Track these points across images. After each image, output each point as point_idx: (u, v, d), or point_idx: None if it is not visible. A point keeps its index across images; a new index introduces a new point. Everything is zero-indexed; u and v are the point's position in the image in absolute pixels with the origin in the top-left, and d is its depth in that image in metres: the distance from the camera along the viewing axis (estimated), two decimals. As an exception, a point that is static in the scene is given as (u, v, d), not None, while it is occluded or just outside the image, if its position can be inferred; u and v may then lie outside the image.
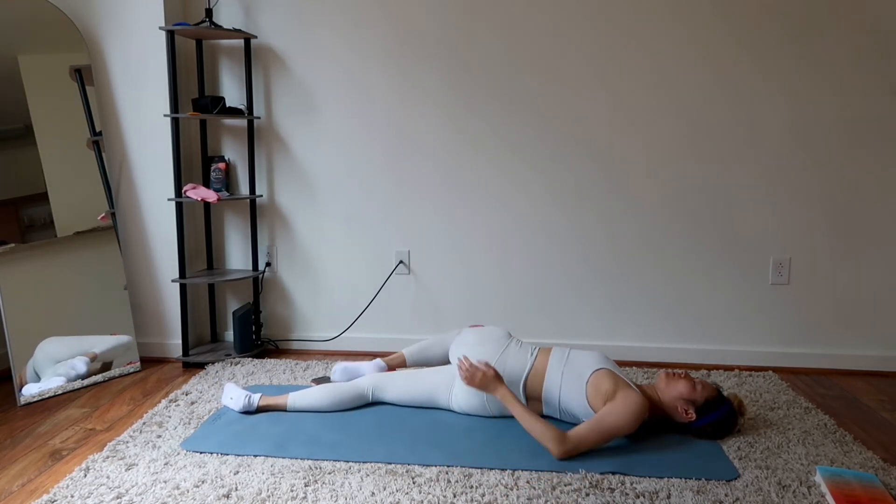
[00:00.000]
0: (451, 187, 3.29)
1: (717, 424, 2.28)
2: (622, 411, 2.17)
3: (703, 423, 2.27)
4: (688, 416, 2.27)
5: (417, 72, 3.23)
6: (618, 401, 2.20)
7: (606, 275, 3.26)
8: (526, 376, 2.40)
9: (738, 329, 3.22)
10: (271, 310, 3.48)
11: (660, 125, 3.14)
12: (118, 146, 3.22)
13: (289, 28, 3.26)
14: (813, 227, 3.13)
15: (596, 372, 2.32)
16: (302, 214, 3.39)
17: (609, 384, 2.25)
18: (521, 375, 2.40)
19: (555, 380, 2.37)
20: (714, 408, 2.28)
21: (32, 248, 2.87)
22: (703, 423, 2.27)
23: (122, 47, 3.15)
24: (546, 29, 3.13)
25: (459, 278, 3.34)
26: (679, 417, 2.30)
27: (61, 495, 1.94)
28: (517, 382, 2.40)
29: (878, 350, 3.16)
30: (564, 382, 2.35)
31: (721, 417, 2.28)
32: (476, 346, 2.51)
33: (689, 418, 2.28)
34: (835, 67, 3.02)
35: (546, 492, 1.97)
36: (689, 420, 2.28)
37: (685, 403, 2.28)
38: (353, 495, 1.95)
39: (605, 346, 3.29)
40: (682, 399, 2.28)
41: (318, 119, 3.31)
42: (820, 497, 1.94)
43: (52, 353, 2.84)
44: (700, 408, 2.27)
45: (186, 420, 2.48)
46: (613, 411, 2.17)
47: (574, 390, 2.33)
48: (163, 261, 3.28)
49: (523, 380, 2.40)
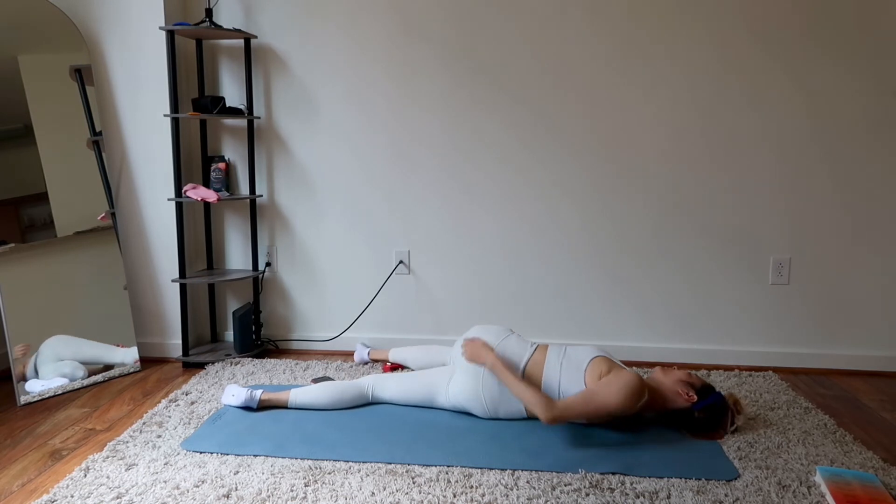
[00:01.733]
0: (451, 187, 3.29)
1: (715, 409, 2.33)
2: (614, 385, 2.25)
3: (704, 404, 2.31)
4: (689, 398, 2.32)
5: (418, 72, 3.23)
6: (611, 376, 2.29)
7: (607, 274, 3.26)
8: (525, 365, 2.44)
9: (738, 329, 3.22)
10: (271, 310, 3.48)
11: (663, 125, 3.14)
12: (118, 146, 3.22)
13: (289, 28, 3.26)
14: (813, 227, 3.13)
15: (593, 359, 2.39)
16: (302, 214, 3.39)
17: (605, 367, 2.36)
18: (519, 364, 2.44)
19: (553, 371, 2.40)
20: (711, 392, 2.36)
21: (32, 248, 2.87)
22: (704, 405, 2.31)
23: (122, 47, 3.15)
24: (553, 25, 3.13)
25: (460, 278, 3.34)
26: (680, 402, 2.33)
27: (61, 495, 1.94)
28: (516, 370, 2.43)
29: (878, 350, 3.16)
30: (563, 373, 2.39)
31: (718, 402, 2.34)
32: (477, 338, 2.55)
33: (691, 399, 2.32)
34: (838, 68, 3.02)
35: (546, 492, 1.97)
36: (690, 402, 2.32)
37: (685, 386, 2.34)
38: (353, 495, 1.95)
39: (606, 346, 3.29)
40: (682, 382, 2.35)
41: (318, 119, 3.31)
42: (820, 497, 1.94)
43: (56, 352, 2.84)
44: (699, 390, 2.34)
45: (186, 420, 2.48)
46: (605, 383, 2.27)
47: (573, 379, 2.36)
48: (163, 261, 3.28)
49: (522, 368, 2.43)
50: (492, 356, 2.39)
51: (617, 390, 2.24)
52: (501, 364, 2.36)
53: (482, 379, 2.44)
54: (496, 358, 2.38)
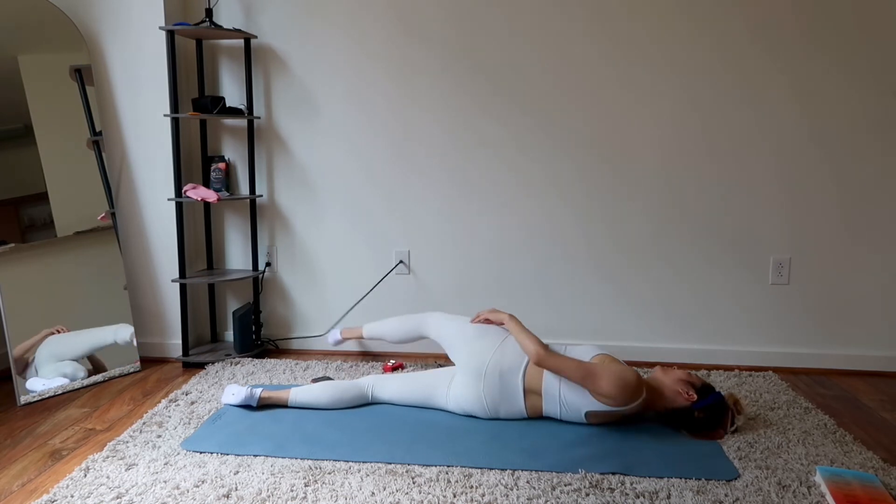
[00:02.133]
0: (451, 186, 3.29)
1: (715, 408, 2.32)
2: (612, 371, 2.27)
3: (704, 403, 2.31)
4: (689, 397, 2.31)
5: (418, 71, 3.23)
6: (613, 364, 2.32)
7: (607, 274, 3.26)
8: (525, 366, 2.43)
9: (738, 329, 3.22)
10: (271, 310, 3.48)
11: (663, 125, 3.14)
12: (118, 146, 3.22)
13: (289, 28, 3.26)
14: (813, 227, 3.13)
15: (596, 356, 2.39)
16: (302, 214, 3.39)
17: (608, 361, 2.36)
18: (520, 365, 2.43)
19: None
20: (711, 391, 2.35)
21: (32, 248, 2.87)
22: (704, 405, 2.30)
23: (122, 47, 3.15)
24: (551, 23, 3.13)
25: (460, 278, 3.34)
26: (680, 401, 2.33)
27: (61, 495, 1.94)
28: (517, 370, 2.42)
29: (878, 350, 3.16)
30: None
31: (718, 401, 2.33)
32: (475, 339, 2.54)
33: (691, 398, 2.31)
34: (838, 68, 3.02)
35: (546, 492, 1.97)
36: (690, 401, 2.31)
37: (685, 385, 2.33)
38: (353, 495, 1.95)
39: (606, 346, 3.29)
40: (682, 381, 2.35)
41: (318, 119, 3.31)
42: (820, 497, 1.94)
43: (54, 352, 2.84)
44: (700, 389, 2.34)
45: (186, 420, 2.48)
46: (604, 366, 2.30)
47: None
48: (163, 261, 3.28)
49: (523, 369, 2.42)
50: (507, 314, 2.56)
51: (611, 376, 2.26)
52: (516, 320, 2.51)
53: (483, 379, 2.44)
54: (510, 315, 2.55)
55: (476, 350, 2.49)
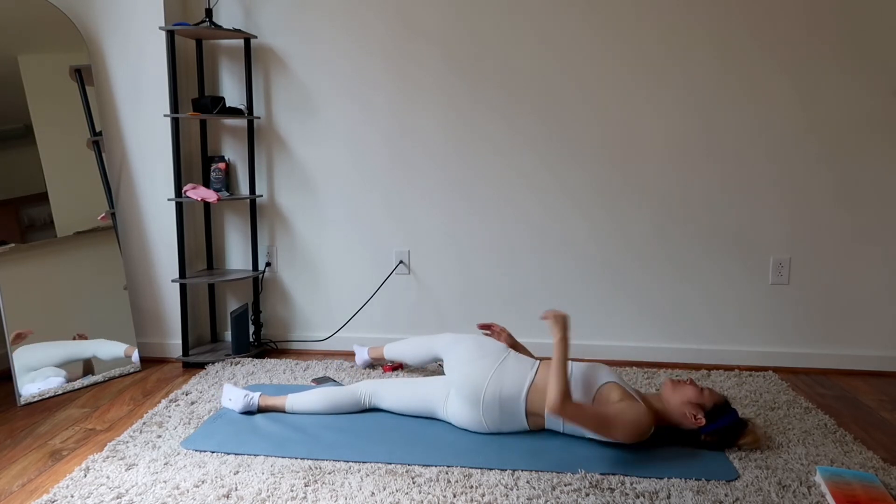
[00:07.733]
0: (451, 187, 3.29)
1: (726, 431, 2.21)
2: (626, 413, 2.15)
3: (712, 428, 2.20)
4: (697, 421, 2.20)
5: (418, 72, 3.23)
6: (625, 405, 2.18)
7: (607, 274, 3.26)
8: (527, 391, 2.31)
9: (738, 329, 3.22)
10: (271, 310, 3.48)
11: (663, 126, 3.14)
12: (118, 146, 3.22)
13: (289, 28, 3.26)
14: (813, 227, 3.13)
15: (605, 385, 2.25)
16: (302, 214, 3.39)
17: (617, 395, 2.22)
18: (521, 390, 2.31)
19: None
20: (723, 413, 2.22)
21: (32, 248, 2.87)
22: (712, 429, 2.20)
23: (122, 47, 3.15)
24: (552, 24, 3.13)
25: (460, 278, 3.34)
26: (687, 423, 2.22)
27: (61, 495, 1.94)
28: (517, 397, 2.30)
29: (878, 350, 3.16)
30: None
31: (730, 424, 2.21)
32: (473, 361, 2.41)
33: (698, 423, 2.20)
34: (838, 68, 3.02)
35: (546, 492, 1.97)
36: (698, 425, 2.20)
37: (693, 408, 2.20)
38: (353, 495, 1.95)
39: (606, 346, 3.29)
40: (690, 404, 2.21)
41: (318, 119, 3.31)
42: (820, 497, 1.94)
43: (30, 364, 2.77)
44: (709, 412, 2.21)
45: (186, 420, 2.48)
46: (619, 409, 2.16)
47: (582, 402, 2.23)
48: (163, 261, 3.28)
49: (524, 396, 2.30)
50: (560, 334, 2.24)
51: (626, 428, 2.13)
52: (564, 345, 2.21)
53: (482, 406, 2.33)
54: (564, 338, 2.23)
55: (470, 374, 2.36)
